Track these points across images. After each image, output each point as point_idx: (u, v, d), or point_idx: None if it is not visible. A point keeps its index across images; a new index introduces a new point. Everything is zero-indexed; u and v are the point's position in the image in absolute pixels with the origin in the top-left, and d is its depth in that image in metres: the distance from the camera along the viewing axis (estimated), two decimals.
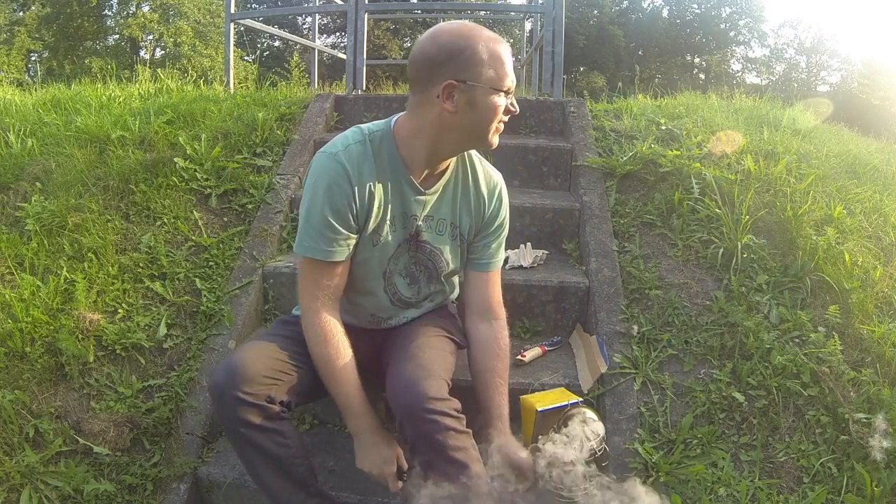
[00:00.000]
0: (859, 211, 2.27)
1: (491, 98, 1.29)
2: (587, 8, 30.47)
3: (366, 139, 1.37)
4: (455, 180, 1.48)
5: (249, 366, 1.31)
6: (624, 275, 2.07)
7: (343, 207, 1.33)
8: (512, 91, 1.32)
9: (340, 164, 1.33)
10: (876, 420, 1.51)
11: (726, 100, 3.70)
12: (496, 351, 1.50)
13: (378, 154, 1.37)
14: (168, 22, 21.84)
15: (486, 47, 1.27)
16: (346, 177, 1.32)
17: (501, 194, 1.55)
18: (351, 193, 1.33)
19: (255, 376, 1.30)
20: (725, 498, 1.48)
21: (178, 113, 2.85)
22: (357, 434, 1.41)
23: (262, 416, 1.31)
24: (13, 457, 1.54)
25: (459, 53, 1.26)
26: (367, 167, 1.35)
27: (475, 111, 1.29)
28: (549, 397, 1.61)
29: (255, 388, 1.29)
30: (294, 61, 4.85)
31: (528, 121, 3.07)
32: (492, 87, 1.28)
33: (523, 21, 7.62)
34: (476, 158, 1.53)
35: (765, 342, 1.75)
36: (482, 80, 1.27)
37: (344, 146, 1.35)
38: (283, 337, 1.44)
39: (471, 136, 1.35)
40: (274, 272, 2.10)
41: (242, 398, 1.28)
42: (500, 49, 1.29)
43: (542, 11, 3.59)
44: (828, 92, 28.14)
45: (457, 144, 1.38)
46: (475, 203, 1.50)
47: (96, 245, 2.09)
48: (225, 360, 1.39)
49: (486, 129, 1.32)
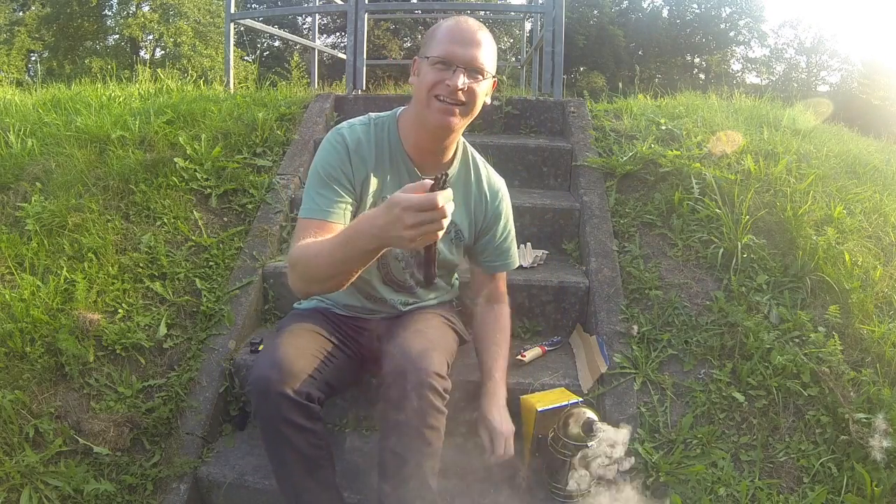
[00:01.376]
0: (859, 211, 2.27)
1: (426, 67, 1.36)
2: (587, 8, 30.46)
3: (371, 122, 1.48)
4: (457, 178, 1.52)
5: (295, 361, 1.32)
6: (624, 275, 2.07)
7: (336, 171, 1.40)
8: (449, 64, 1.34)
9: (340, 135, 1.44)
10: (876, 420, 1.51)
11: (726, 100, 3.70)
12: (496, 324, 1.64)
13: (379, 137, 1.46)
14: (168, 22, 21.83)
15: (446, 27, 1.37)
16: (345, 145, 1.42)
17: (503, 199, 1.61)
18: (346, 160, 1.41)
19: (300, 373, 1.31)
20: (725, 498, 1.48)
21: (178, 113, 2.85)
22: (368, 231, 1.11)
23: (304, 415, 1.31)
24: (13, 457, 1.54)
25: (426, 37, 1.40)
26: (366, 145, 1.44)
27: (419, 78, 1.39)
28: (549, 397, 1.61)
29: (298, 384, 1.30)
30: (294, 61, 4.85)
31: (528, 121, 3.07)
32: (425, 55, 1.36)
33: (523, 21, 7.61)
34: (481, 162, 1.58)
35: (765, 342, 1.75)
36: (426, 53, 1.37)
37: (349, 125, 1.47)
38: (309, 330, 1.46)
39: (416, 103, 1.41)
40: (274, 272, 2.10)
41: (291, 396, 1.28)
42: (455, 28, 1.36)
43: (542, 11, 3.59)
44: (828, 92, 28.15)
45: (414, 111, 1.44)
46: (476, 203, 1.55)
47: (96, 245, 2.09)
48: (265, 353, 1.39)
49: (423, 95, 1.37)
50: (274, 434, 1.32)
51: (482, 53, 1.36)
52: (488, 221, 1.59)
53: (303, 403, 1.30)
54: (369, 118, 1.48)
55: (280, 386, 1.28)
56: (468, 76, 1.34)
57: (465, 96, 1.35)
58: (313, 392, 1.32)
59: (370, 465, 1.63)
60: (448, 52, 1.33)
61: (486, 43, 1.37)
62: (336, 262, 1.17)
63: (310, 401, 1.31)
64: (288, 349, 1.35)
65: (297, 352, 1.35)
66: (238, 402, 1.84)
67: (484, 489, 1.58)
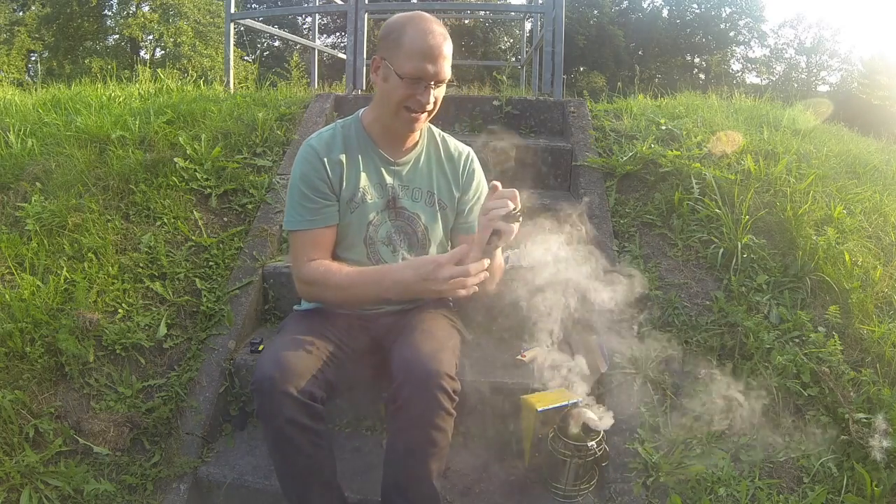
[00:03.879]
0: (859, 211, 2.27)
1: (395, 80, 1.41)
2: (587, 8, 30.45)
3: (336, 126, 1.58)
4: (427, 153, 1.62)
5: (297, 362, 1.33)
6: None
7: (314, 180, 1.49)
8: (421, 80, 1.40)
9: (311, 147, 1.52)
10: (876, 420, 1.51)
11: (726, 100, 3.70)
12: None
13: (347, 135, 1.56)
14: (168, 22, 21.83)
15: (413, 37, 1.39)
16: (316, 155, 1.51)
17: (473, 161, 1.67)
18: (321, 167, 1.50)
19: (302, 372, 1.32)
20: (725, 498, 1.48)
21: (178, 113, 2.85)
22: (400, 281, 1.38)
23: (308, 414, 1.32)
24: (13, 457, 1.54)
25: (388, 35, 1.43)
26: (335, 146, 1.53)
27: (387, 86, 1.44)
28: (549, 397, 1.61)
29: (302, 384, 1.31)
30: (294, 61, 4.84)
31: (528, 121, 3.07)
32: (396, 70, 1.40)
33: (523, 21, 7.61)
34: (444, 135, 1.67)
35: (765, 342, 1.75)
36: (394, 62, 1.40)
37: (317, 135, 1.56)
38: (311, 331, 1.47)
39: (383, 107, 1.49)
40: (274, 272, 2.09)
41: (293, 394, 1.29)
42: (424, 43, 1.39)
43: (542, 11, 3.59)
44: (828, 92, 28.14)
45: (379, 112, 1.52)
46: (451, 170, 1.63)
47: (96, 245, 2.09)
48: (267, 353, 1.40)
49: (391, 105, 1.44)
50: (277, 434, 1.32)
51: (448, 64, 1.43)
52: (465, 181, 1.64)
53: (306, 403, 1.30)
54: (335, 124, 1.59)
55: (284, 385, 1.28)
56: (435, 86, 1.43)
57: (432, 104, 1.45)
58: (316, 391, 1.33)
59: (370, 464, 1.63)
60: (419, 69, 1.39)
61: (449, 50, 1.43)
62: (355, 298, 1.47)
63: (313, 400, 1.32)
64: (290, 349, 1.36)
65: (299, 352, 1.36)
66: (238, 402, 1.84)
67: (484, 489, 1.58)
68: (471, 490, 1.57)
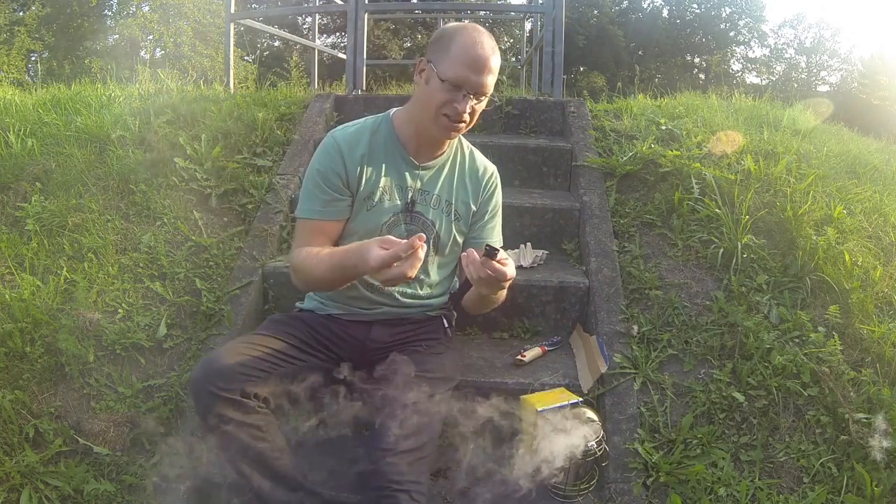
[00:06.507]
0: (859, 211, 2.27)
1: (437, 83, 1.41)
2: (587, 8, 30.45)
3: (366, 122, 1.57)
4: (452, 163, 1.62)
5: (224, 361, 1.35)
6: (624, 275, 2.07)
7: (329, 173, 1.49)
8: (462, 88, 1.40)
9: (333, 139, 1.53)
10: (876, 420, 1.51)
11: (726, 100, 3.70)
12: None
13: (374, 134, 1.55)
14: (168, 22, 21.83)
15: (463, 45, 1.40)
16: (338, 149, 1.51)
17: (496, 182, 1.69)
18: (340, 162, 1.50)
19: (229, 372, 1.33)
20: (725, 498, 1.48)
21: (178, 113, 2.85)
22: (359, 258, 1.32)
23: (238, 410, 1.33)
24: (13, 457, 1.55)
25: (438, 40, 1.45)
26: (360, 143, 1.53)
27: (428, 88, 1.44)
28: (549, 397, 1.61)
29: (230, 383, 1.32)
30: (294, 61, 4.85)
31: (528, 121, 3.07)
32: (439, 74, 1.41)
33: (523, 21, 7.62)
34: (473, 149, 1.67)
35: (765, 342, 1.75)
36: (439, 66, 1.41)
37: (343, 128, 1.56)
38: (266, 335, 1.47)
39: (421, 110, 1.48)
40: (274, 272, 2.09)
41: (217, 393, 1.31)
42: (472, 52, 1.39)
43: (542, 11, 3.59)
44: (828, 92, 28.15)
45: (415, 115, 1.51)
46: (472, 185, 1.64)
47: (96, 245, 2.09)
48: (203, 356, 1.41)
49: (430, 110, 1.44)
50: (212, 431, 1.34)
51: (492, 79, 1.43)
52: (484, 198, 1.65)
53: (234, 399, 1.32)
54: (364, 120, 1.58)
55: (207, 385, 1.31)
56: (475, 98, 1.43)
57: (469, 115, 1.45)
58: (249, 388, 1.34)
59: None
60: (462, 77, 1.40)
61: (497, 66, 1.43)
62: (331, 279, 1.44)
63: (244, 396, 1.33)
64: (220, 351, 1.40)
65: (230, 353, 1.38)
66: None
67: (484, 489, 1.58)
68: (470, 490, 1.57)
